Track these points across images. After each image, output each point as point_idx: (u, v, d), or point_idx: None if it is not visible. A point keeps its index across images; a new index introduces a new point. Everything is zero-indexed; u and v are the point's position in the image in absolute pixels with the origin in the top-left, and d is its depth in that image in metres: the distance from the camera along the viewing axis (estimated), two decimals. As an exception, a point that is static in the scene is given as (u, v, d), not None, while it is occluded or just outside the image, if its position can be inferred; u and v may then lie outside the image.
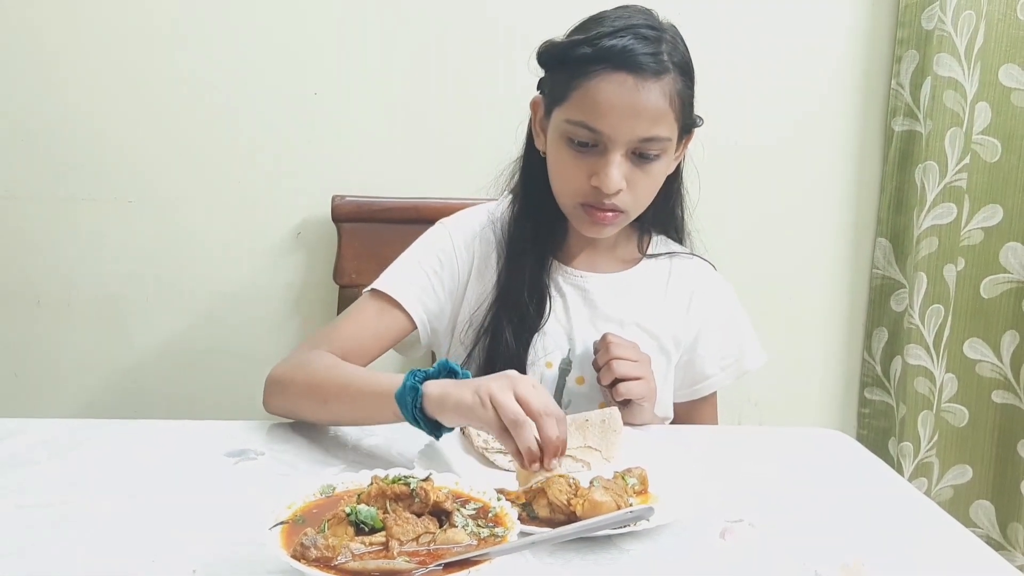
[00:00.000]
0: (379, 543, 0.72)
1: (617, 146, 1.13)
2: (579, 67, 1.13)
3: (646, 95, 1.12)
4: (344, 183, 1.73)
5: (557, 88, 1.18)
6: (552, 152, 1.20)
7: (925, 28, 1.75)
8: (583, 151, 1.15)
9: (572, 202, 1.19)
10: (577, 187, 1.17)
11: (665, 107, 1.14)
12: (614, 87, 1.12)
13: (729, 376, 1.33)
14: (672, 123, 1.16)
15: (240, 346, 1.79)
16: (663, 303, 1.29)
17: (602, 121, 1.12)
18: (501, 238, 1.27)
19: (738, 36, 1.80)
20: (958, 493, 1.92)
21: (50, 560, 0.78)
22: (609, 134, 1.13)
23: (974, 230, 1.85)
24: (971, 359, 1.89)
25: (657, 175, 1.19)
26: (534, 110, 1.25)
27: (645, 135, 1.13)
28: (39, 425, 1.10)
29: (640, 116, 1.12)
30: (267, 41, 1.71)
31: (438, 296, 1.27)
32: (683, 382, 1.32)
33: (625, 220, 1.21)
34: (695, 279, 1.32)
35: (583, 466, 1.03)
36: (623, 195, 1.16)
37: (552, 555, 0.81)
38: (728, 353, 1.32)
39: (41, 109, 1.71)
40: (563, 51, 1.16)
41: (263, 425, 1.15)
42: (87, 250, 1.75)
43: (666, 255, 1.32)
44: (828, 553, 0.84)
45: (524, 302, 1.22)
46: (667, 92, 1.14)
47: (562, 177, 1.19)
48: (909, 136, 1.81)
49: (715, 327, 1.31)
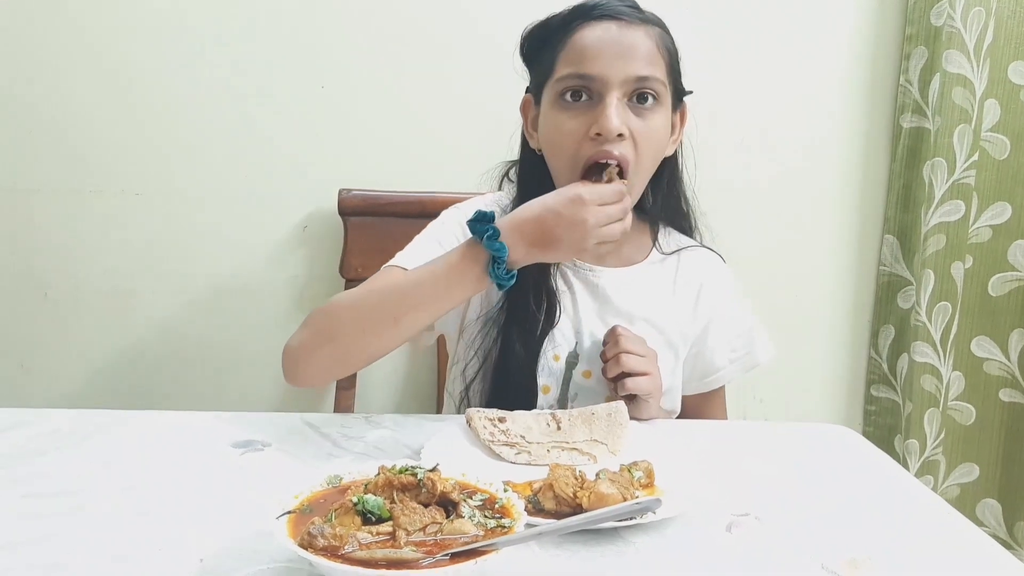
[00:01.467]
0: (386, 533, 0.72)
1: (611, 87, 1.10)
2: (560, 31, 1.14)
3: (632, 35, 1.11)
4: (351, 177, 1.73)
5: (544, 67, 1.16)
6: (547, 127, 1.16)
7: (934, 24, 1.75)
8: (578, 106, 1.12)
9: (574, 165, 1.13)
10: (576, 144, 1.12)
11: (654, 50, 1.12)
12: (599, 31, 1.12)
13: (739, 369, 1.32)
14: (663, 70, 1.14)
15: (246, 339, 1.79)
16: (671, 298, 1.29)
17: (590, 64, 1.10)
18: None
19: (747, 32, 1.80)
20: (965, 491, 1.92)
21: (57, 549, 0.78)
22: (600, 75, 1.10)
23: (982, 227, 1.84)
24: (978, 357, 1.89)
25: (655, 131, 1.14)
26: (524, 112, 1.24)
27: (639, 73, 1.11)
28: (46, 416, 1.10)
29: (630, 53, 1.10)
30: (275, 35, 1.72)
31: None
32: (693, 375, 1.31)
33: (627, 190, 1.15)
34: (704, 272, 1.31)
35: (589, 459, 1.02)
36: (626, 145, 1.11)
37: (558, 547, 0.81)
38: (738, 346, 1.32)
39: (47, 102, 1.71)
40: (542, 28, 1.17)
41: (269, 416, 1.15)
42: (94, 243, 1.76)
43: (677, 250, 1.31)
44: (834, 548, 0.83)
45: (532, 311, 1.20)
46: (653, 38, 1.13)
47: (561, 141, 1.14)
48: (917, 133, 1.81)
49: (724, 320, 1.31)
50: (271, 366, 1.80)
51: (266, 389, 1.81)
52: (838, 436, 1.18)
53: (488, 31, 1.71)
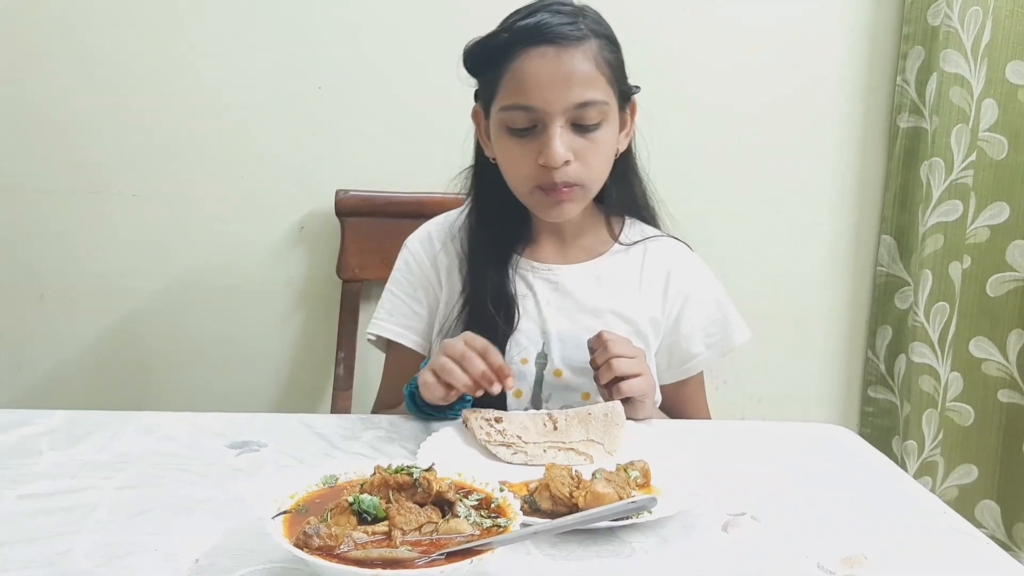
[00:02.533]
0: (382, 532, 0.72)
1: (554, 118, 1.13)
2: (500, 55, 1.15)
3: (570, 61, 1.12)
4: (348, 177, 1.73)
5: (488, 87, 1.19)
6: (498, 149, 1.20)
7: (931, 24, 1.75)
8: (524, 135, 1.15)
9: (526, 189, 1.18)
10: (527, 172, 1.16)
11: (592, 70, 1.14)
12: (536, 61, 1.12)
13: (716, 353, 1.31)
14: (605, 87, 1.15)
15: (243, 339, 1.79)
16: (638, 288, 1.28)
17: (532, 96, 1.12)
18: (462, 249, 1.28)
19: (743, 31, 1.80)
20: (963, 493, 1.91)
21: (53, 550, 0.78)
22: (542, 107, 1.12)
23: (980, 228, 1.84)
24: (977, 358, 1.89)
25: (603, 143, 1.17)
26: (476, 121, 1.26)
27: (579, 100, 1.13)
28: (42, 416, 1.10)
29: (569, 82, 1.12)
30: (272, 36, 1.71)
31: (421, 315, 1.30)
32: (670, 363, 1.31)
33: (583, 195, 1.19)
34: (670, 259, 1.31)
35: (585, 459, 1.02)
36: (573, 168, 1.14)
37: (554, 546, 0.81)
38: (713, 331, 1.31)
39: (44, 102, 1.71)
40: (483, 48, 1.18)
41: (265, 417, 1.15)
42: (90, 243, 1.75)
43: (640, 240, 1.30)
44: (831, 547, 0.83)
45: (491, 314, 1.22)
46: (591, 56, 1.14)
47: (511, 167, 1.19)
48: (915, 133, 1.81)
49: (696, 305, 1.30)
50: (268, 367, 1.81)
51: (263, 389, 1.80)
52: (835, 436, 1.18)
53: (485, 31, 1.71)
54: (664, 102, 1.76)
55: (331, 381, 1.73)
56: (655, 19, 1.77)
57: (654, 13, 1.77)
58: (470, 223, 1.29)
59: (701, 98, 1.81)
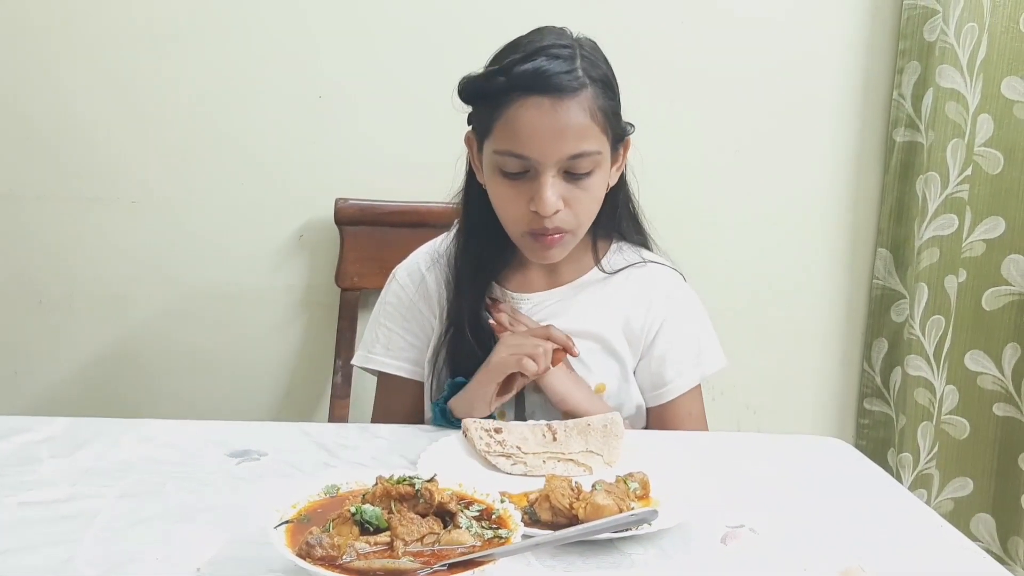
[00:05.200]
0: (384, 543, 0.72)
1: (547, 168, 1.14)
2: (496, 98, 1.15)
3: (565, 114, 1.13)
4: (347, 186, 1.74)
5: (482, 122, 1.19)
6: (490, 186, 1.21)
7: (927, 40, 1.76)
8: (517, 180, 1.16)
9: (517, 231, 1.20)
10: (518, 216, 1.18)
11: (587, 122, 1.14)
12: (532, 111, 1.12)
13: (688, 380, 1.30)
14: (599, 136, 1.16)
15: (242, 348, 1.79)
16: (617, 305, 1.29)
17: (527, 147, 1.13)
18: (447, 275, 1.30)
19: (741, 46, 1.81)
20: (958, 506, 1.92)
21: (52, 558, 0.78)
22: (536, 158, 1.13)
23: (976, 242, 1.85)
24: (972, 371, 1.89)
25: (594, 189, 1.19)
26: (469, 146, 1.26)
27: (572, 152, 1.14)
28: (41, 423, 1.10)
29: (563, 135, 1.13)
30: (272, 44, 1.72)
31: (412, 344, 1.30)
32: (645, 386, 1.31)
33: (572, 239, 1.21)
34: (651, 286, 1.31)
35: (585, 470, 1.03)
36: (564, 215, 1.16)
37: (555, 558, 0.81)
38: (686, 357, 1.30)
39: (45, 109, 1.71)
40: (480, 85, 1.17)
41: (265, 426, 1.15)
42: (89, 250, 1.75)
43: (623, 269, 1.31)
44: (829, 559, 0.84)
45: (469, 340, 1.23)
46: (587, 107, 1.14)
47: (503, 209, 1.20)
48: (910, 147, 1.82)
49: (671, 329, 1.30)
50: (266, 374, 1.81)
51: (261, 397, 1.80)
52: (832, 448, 1.18)
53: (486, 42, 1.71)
54: (661, 115, 1.78)
55: (329, 389, 1.73)
56: (652, 33, 1.78)
57: (651, 27, 1.78)
58: (456, 246, 1.30)
59: (698, 111, 1.82)
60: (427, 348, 1.30)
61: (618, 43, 1.25)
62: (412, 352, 1.31)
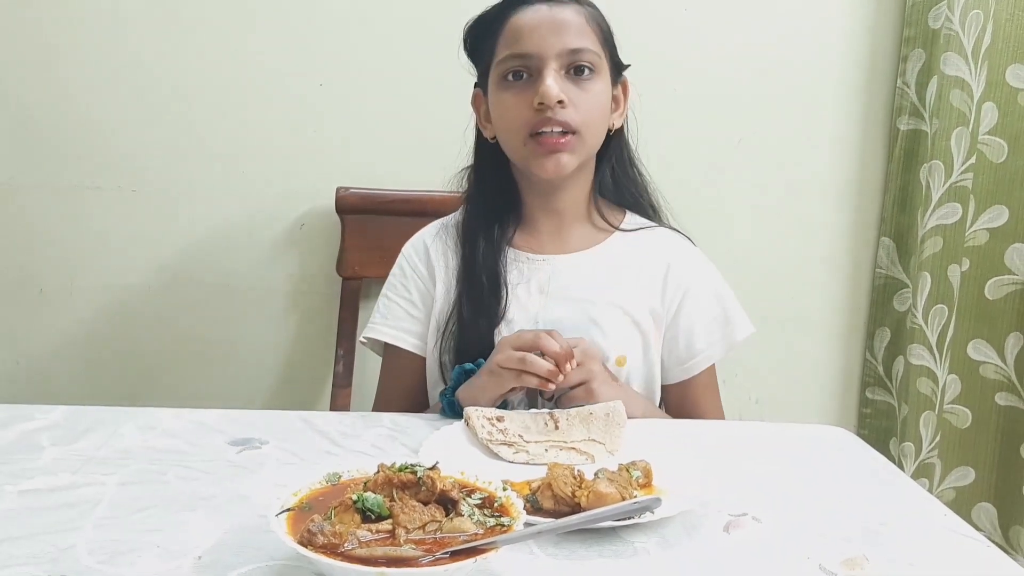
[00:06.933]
0: (386, 531, 0.72)
1: (547, 61, 1.17)
2: (497, 21, 1.22)
3: (561, 11, 1.19)
4: (349, 175, 1.73)
5: (486, 56, 1.24)
6: (495, 106, 1.23)
7: (932, 27, 1.75)
8: (520, 84, 1.19)
9: (522, 138, 1.19)
10: (522, 118, 1.18)
11: (584, 24, 1.20)
12: (530, 14, 1.20)
13: (719, 349, 1.29)
14: (596, 43, 1.21)
15: (243, 336, 1.79)
16: (637, 278, 1.27)
17: (526, 43, 1.18)
18: (457, 240, 1.29)
19: (744, 33, 1.80)
20: (960, 495, 1.92)
21: (53, 546, 0.78)
22: (536, 52, 1.17)
23: (979, 231, 1.84)
24: (975, 360, 1.89)
25: (596, 94, 1.21)
26: (476, 106, 1.29)
27: (572, 46, 1.18)
28: (42, 412, 1.10)
29: (562, 29, 1.18)
30: (273, 32, 1.71)
31: (417, 318, 1.30)
32: (671, 360, 1.29)
33: (578, 145, 1.19)
34: (670, 251, 1.30)
35: (587, 459, 1.02)
36: (568, 110, 1.17)
37: (557, 546, 0.81)
38: (714, 328, 1.29)
39: (44, 98, 1.71)
40: (480, 20, 1.25)
41: (266, 414, 1.15)
42: (90, 239, 1.75)
43: (638, 229, 1.30)
44: (832, 548, 0.84)
45: (483, 297, 1.23)
46: (583, 14, 1.21)
47: (507, 117, 1.21)
48: (914, 135, 1.81)
49: (696, 299, 1.28)
50: (268, 363, 1.81)
51: (262, 386, 1.80)
52: (835, 437, 1.18)
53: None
54: (665, 103, 1.77)
55: (330, 378, 1.73)
56: (656, 21, 1.77)
57: (654, 16, 1.77)
58: (465, 211, 1.30)
59: (702, 99, 1.82)
60: (429, 320, 1.28)
61: (619, 32, 1.25)
62: (413, 324, 1.29)
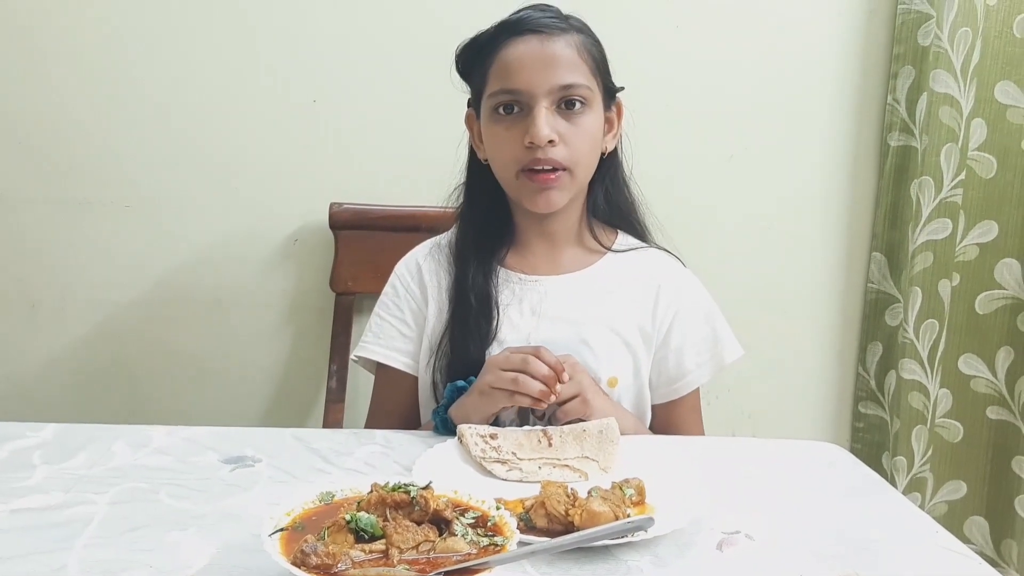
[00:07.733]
0: (379, 551, 0.71)
1: (538, 99, 1.16)
2: (488, 49, 1.21)
3: (552, 46, 1.18)
4: (342, 190, 1.73)
5: (478, 82, 1.23)
6: (487, 138, 1.23)
7: (921, 44, 1.77)
8: (511, 119, 1.19)
9: (513, 173, 1.19)
10: (513, 154, 1.18)
11: (575, 57, 1.19)
12: (521, 47, 1.18)
13: (708, 370, 1.29)
14: (588, 74, 1.20)
15: (236, 352, 1.79)
16: (627, 298, 1.27)
17: (517, 79, 1.17)
18: (450, 259, 1.29)
19: (736, 50, 1.81)
20: (952, 509, 1.92)
21: (44, 565, 0.78)
22: (527, 90, 1.17)
23: (969, 246, 1.86)
24: (966, 375, 1.90)
25: (588, 129, 1.20)
26: (469, 126, 1.28)
27: (562, 82, 1.17)
28: (34, 429, 1.09)
29: (552, 65, 1.17)
30: (267, 48, 1.72)
31: (409, 337, 1.29)
32: (660, 381, 1.29)
33: (570, 181, 1.19)
34: (661, 272, 1.30)
35: (580, 476, 1.03)
36: (559, 149, 1.17)
37: (551, 565, 0.81)
38: (704, 348, 1.29)
39: (38, 112, 1.71)
40: (471, 45, 1.24)
41: (259, 432, 1.14)
42: (83, 254, 1.75)
43: (629, 250, 1.30)
44: (824, 565, 0.84)
45: (473, 316, 1.23)
46: (574, 45, 1.19)
47: (499, 152, 1.21)
48: (905, 151, 1.83)
49: (687, 319, 1.28)
50: (260, 379, 1.80)
51: (255, 401, 1.80)
52: (826, 453, 1.18)
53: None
54: (656, 117, 1.78)
55: (323, 394, 1.73)
56: (647, 34, 1.78)
57: (646, 28, 1.78)
58: (459, 229, 1.30)
59: (693, 114, 1.83)
60: (421, 339, 1.28)
61: (611, 45, 1.25)
62: (404, 343, 1.29)
